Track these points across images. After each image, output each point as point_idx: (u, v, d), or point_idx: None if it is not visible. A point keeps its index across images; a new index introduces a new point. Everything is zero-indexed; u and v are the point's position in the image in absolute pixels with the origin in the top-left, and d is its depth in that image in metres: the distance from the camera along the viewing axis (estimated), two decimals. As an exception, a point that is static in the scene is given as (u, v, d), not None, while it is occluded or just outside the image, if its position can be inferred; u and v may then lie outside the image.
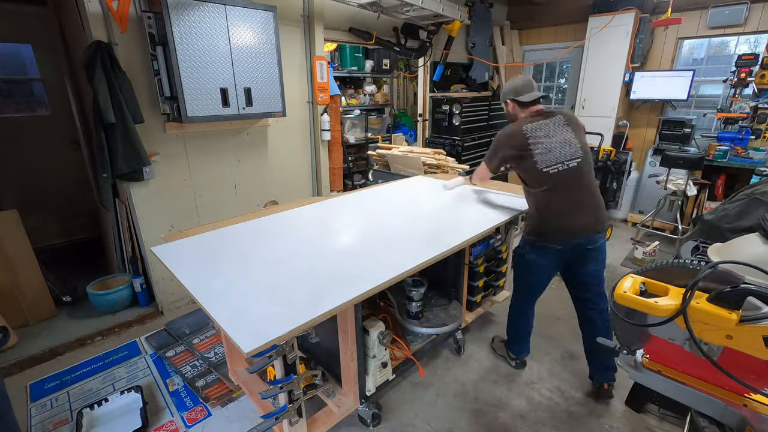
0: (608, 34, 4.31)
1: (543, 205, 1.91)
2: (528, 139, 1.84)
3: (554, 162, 1.82)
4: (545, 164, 1.83)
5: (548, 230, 1.92)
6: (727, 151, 3.85)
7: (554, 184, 1.84)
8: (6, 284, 2.58)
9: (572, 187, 1.85)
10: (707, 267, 0.96)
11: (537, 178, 1.87)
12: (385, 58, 4.86)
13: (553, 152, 1.83)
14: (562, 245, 1.91)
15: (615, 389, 2.16)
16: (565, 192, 1.85)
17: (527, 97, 1.95)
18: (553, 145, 1.83)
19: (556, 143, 1.84)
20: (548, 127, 1.86)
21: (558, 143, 1.84)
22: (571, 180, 1.84)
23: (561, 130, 1.87)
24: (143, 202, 2.72)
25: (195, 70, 2.50)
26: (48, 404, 2.11)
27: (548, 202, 1.88)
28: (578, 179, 1.86)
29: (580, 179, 1.86)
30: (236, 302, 1.34)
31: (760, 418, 0.99)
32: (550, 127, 1.87)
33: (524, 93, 1.96)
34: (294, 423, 1.54)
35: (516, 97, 1.98)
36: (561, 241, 1.90)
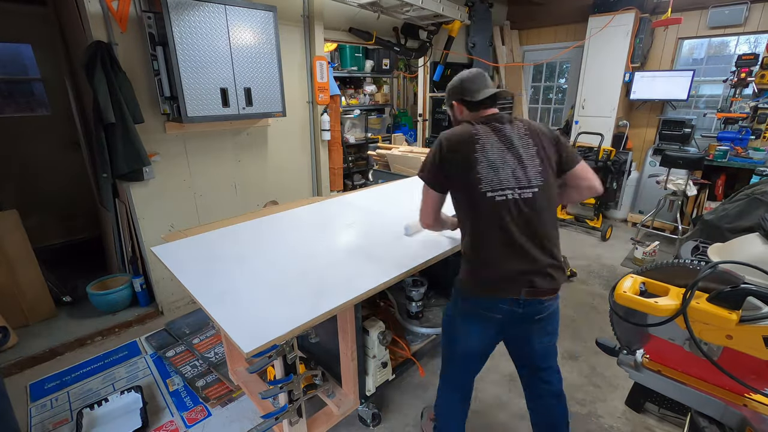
0: (608, 34, 4.31)
1: (474, 247, 1.36)
2: (476, 143, 1.32)
3: (501, 186, 1.29)
4: (490, 186, 1.29)
5: (477, 285, 1.36)
6: (727, 151, 3.85)
7: (495, 218, 1.29)
8: (6, 284, 2.58)
9: (520, 225, 1.29)
10: (707, 267, 0.96)
11: (472, 204, 1.33)
12: (385, 58, 4.86)
13: (503, 172, 1.30)
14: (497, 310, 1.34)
15: (615, 388, 2.16)
16: (509, 232, 1.28)
17: (479, 94, 1.43)
18: (506, 161, 1.31)
19: (510, 160, 1.31)
20: (503, 136, 1.35)
21: (512, 161, 1.31)
22: (521, 216, 1.29)
23: (520, 142, 1.34)
24: (143, 202, 2.72)
25: (195, 70, 2.50)
26: (48, 404, 2.11)
27: (482, 242, 1.33)
28: (531, 216, 1.30)
29: (533, 217, 1.30)
30: (236, 302, 1.34)
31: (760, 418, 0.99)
32: (506, 135, 1.35)
33: (474, 90, 1.44)
34: (294, 423, 1.54)
35: (464, 96, 1.46)
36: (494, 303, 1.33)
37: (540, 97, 5.85)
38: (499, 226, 1.30)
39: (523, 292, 1.29)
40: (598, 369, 2.31)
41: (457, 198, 1.41)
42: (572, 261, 3.63)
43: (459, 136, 1.37)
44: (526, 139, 1.36)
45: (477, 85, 1.46)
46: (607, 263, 3.71)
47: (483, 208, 1.31)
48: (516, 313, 1.33)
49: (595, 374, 2.27)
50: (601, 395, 2.14)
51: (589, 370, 2.31)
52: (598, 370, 2.30)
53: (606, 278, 3.42)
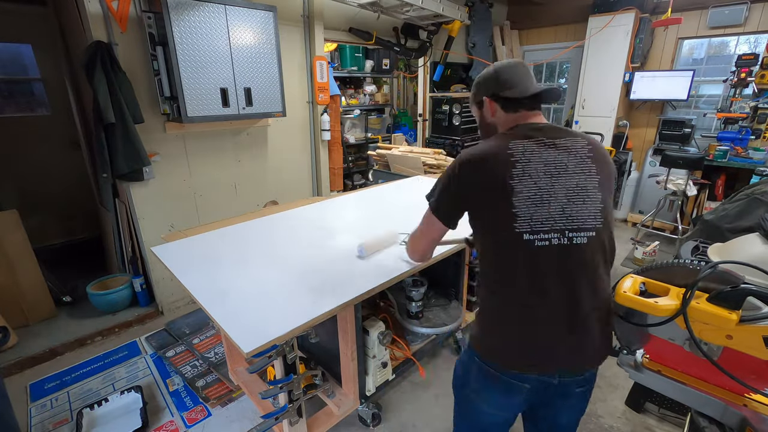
0: (608, 34, 4.31)
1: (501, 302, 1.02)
2: (514, 167, 0.97)
3: (545, 226, 0.95)
4: (529, 226, 0.95)
5: (505, 350, 1.02)
6: (727, 151, 3.85)
7: (531, 269, 0.96)
8: (6, 284, 2.58)
9: (566, 281, 0.96)
10: (707, 267, 0.96)
11: (502, 247, 1.00)
12: (385, 58, 4.86)
13: (550, 207, 0.96)
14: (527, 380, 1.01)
15: (615, 388, 2.16)
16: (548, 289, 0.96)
17: (521, 90, 1.07)
18: (555, 193, 0.96)
19: (561, 192, 0.97)
20: (555, 156, 0.99)
21: (563, 193, 0.97)
22: (566, 267, 0.96)
23: (579, 167, 0.99)
24: (143, 202, 2.72)
25: (195, 70, 2.50)
26: (48, 404, 2.11)
27: (509, 298, 1.00)
28: (580, 268, 0.97)
29: (583, 269, 0.97)
30: (236, 302, 1.34)
31: (760, 418, 0.99)
32: (559, 156, 0.99)
33: (514, 84, 1.08)
34: (294, 423, 1.54)
35: (499, 90, 1.10)
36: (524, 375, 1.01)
37: (540, 97, 5.84)
38: (535, 279, 0.96)
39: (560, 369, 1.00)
40: (598, 369, 2.31)
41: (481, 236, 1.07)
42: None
43: (489, 154, 1.00)
44: (588, 163, 0.99)
45: (519, 76, 1.08)
46: (607, 263, 3.71)
47: (517, 253, 0.96)
48: (550, 385, 1.02)
49: (595, 374, 2.27)
50: (601, 395, 2.14)
51: (589, 370, 2.31)
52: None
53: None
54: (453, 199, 1.08)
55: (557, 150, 1.00)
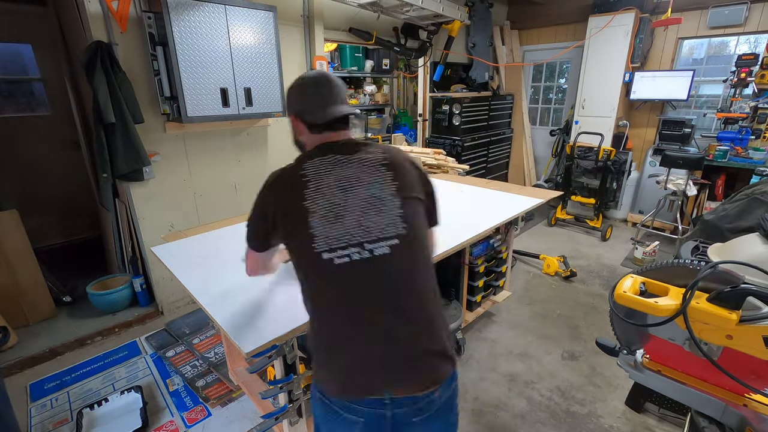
0: (608, 34, 4.31)
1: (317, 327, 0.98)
2: (305, 187, 0.95)
3: (341, 242, 0.91)
4: (326, 244, 0.91)
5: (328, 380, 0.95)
6: (727, 151, 3.85)
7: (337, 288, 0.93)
8: (6, 284, 2.58)
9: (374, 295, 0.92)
10: (707, 267, 0.96)
11: (308, 270, 0.96)
12: (385, 58, 4.85)
13: (346, 221, 0.92)
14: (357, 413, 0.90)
15: (615, 388, 2.16)
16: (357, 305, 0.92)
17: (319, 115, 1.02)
18: (349, 207, 0.93)
19: (356, 204, 0.94)
20: (346, 170, 0.97)
21: (359, 204, 0.94)
22: (374, 281, 0.92)
23: (372, 176, 0.97)
24: (143, 202, 2.72)
25: (195, 70, 2.50)
26: (48, 404, 2.11)
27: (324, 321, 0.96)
28: (390, 280, 0.92)
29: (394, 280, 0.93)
30: (236, 302, 1.34)
31: (760, 418, 0.99)
32: (351, 170, 0.97)
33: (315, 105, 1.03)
34: (294, 423, 1.54)
35: (301, 113, 1.06)
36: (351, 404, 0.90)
37: (540, 97, 5.85)
38: (342, 297, 0.92)
39: (386, 388, 0.88)
40: (598, 369, 2.32)
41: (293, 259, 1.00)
42: (572, 261, 3.64)
43: (283, 177, 1.01)
44: (382, 172, 0.97)
45: (320, 97, 1.03)
46: (607, 263, 3.71)
47: (321, 274, 0.92)
48: (383, 416, 0.90)
49: (595, 374, 2.27)
50: (601, 395, 2.14)
51: (589, 370, 2.31)
52: (598, 370, 2.30)
53: (606, 278, 3.42)
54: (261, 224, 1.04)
55: (350, 164, 0.98)
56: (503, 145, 5.68)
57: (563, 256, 3.56)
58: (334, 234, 0.91)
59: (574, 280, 3.38)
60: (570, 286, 3.30)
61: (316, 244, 0.91)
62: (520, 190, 2.63)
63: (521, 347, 2.52)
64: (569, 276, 3.39)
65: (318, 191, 0.94)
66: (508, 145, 5.81)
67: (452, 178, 3.06)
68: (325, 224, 0.92)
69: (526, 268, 3.66)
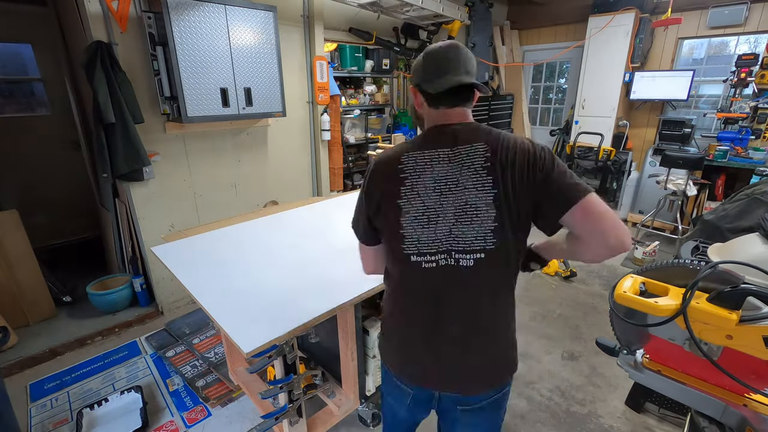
0: (608, 34, 4.31)
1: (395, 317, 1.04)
2: (404, 182, 0.92)
3: (431, 248, 0.90)
4: (416, 247, 0.91)
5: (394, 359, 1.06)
6: (727, 151, 3.85)
7: (419, 291, 0.95)
8: (6, 284, 2.58)
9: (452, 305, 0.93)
10: (707, 267, 0.96)
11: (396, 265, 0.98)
12: (385, 58, 4.85)
13: (436, 226, 0.90)
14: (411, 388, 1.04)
15: (615, 388, 2.16)
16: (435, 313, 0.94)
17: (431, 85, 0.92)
18: (443, 211, 0.89)
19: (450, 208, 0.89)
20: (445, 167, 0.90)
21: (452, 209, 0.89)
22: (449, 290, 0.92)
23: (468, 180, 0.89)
24: (143, 202, 2.72)
25: (195, 70, 2.50)
26: (48, 404, 2.11)
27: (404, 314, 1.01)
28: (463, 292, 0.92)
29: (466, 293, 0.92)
30: (236, 302, 1.34)
31: (760, 418, 0.99)
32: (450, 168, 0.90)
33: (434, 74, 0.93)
34: (294, 423, 1.54)
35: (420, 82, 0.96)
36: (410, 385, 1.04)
37: (540, 97, 5.85)
38: (421, 297, 0.95)
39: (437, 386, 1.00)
40: (598, 369, 2.32)
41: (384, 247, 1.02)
42: (572, 261, 3.64)
43: (383, 171, 0.96)
44: (482, 176, 0.88)
45: (443, 66, 0.92)
46: (607, 263, 3.71)
47: (406, 272, 0.94)
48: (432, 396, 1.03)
49: (595, 374, 2.27)
50: (601, 395, 2.14)
51: (589, 370, 2.31)
52: (598, 370, 2.30)
53: (606, 278, 3.42)
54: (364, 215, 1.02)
55: (450, 163, 0.90)
56: (503, 145, 5.67)
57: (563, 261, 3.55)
58: (424, 238, 0.90)
59: (574, 280, 3.38)
60: (570, 286, 3.30)
61: (405, 245, 0.92)
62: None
63: (521, 347, 2.52)
64: (569, 276, 3.39)
65: (414, 190, 0.91)
66: (508, 145, 5.80)
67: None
68: (416, 227, 0.91)
69: (526, 268, 3.66)
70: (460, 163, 0.90)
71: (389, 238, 0.96)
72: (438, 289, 0.93)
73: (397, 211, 0.92)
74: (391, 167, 0.94)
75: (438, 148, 0.92)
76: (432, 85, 0.92)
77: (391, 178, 0.93)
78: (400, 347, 1.03)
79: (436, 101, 0.95)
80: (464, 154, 0.90)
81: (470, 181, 0.88)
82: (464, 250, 0.89)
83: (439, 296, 0.93)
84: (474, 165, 0.89)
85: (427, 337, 0.96)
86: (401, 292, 1.00)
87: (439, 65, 0.93)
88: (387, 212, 0.94)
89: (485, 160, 0.88)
